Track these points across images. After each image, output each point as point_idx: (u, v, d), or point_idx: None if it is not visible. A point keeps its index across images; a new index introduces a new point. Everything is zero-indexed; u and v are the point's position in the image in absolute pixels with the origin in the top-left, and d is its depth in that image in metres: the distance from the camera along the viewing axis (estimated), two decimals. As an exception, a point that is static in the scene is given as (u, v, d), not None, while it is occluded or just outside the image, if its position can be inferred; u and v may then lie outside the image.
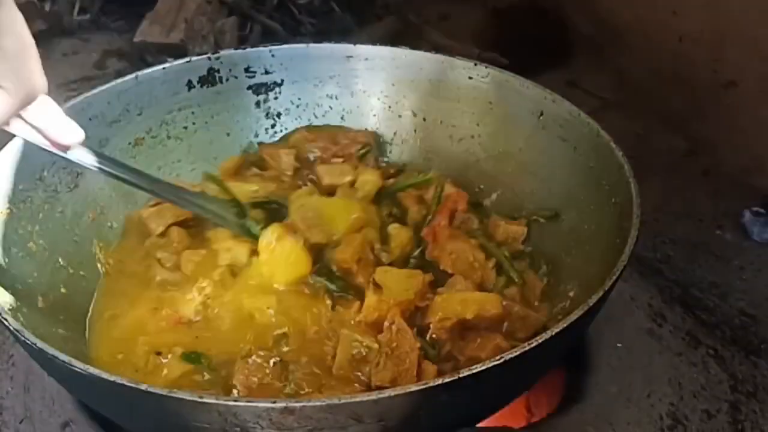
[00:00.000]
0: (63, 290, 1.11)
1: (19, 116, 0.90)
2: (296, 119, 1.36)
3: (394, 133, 1.35)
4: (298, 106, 1.35)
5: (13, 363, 1.12)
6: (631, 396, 1.05)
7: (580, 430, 0.99)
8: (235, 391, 0.98)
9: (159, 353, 1.03)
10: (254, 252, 1.13)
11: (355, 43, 1.34)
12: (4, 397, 1.09)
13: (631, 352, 1.11)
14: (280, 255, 1.11)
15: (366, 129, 1.36)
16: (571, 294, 1.09)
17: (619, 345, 1.12)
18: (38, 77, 0.87)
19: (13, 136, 1.09)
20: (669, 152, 1.68)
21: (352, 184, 1.27)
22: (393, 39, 1.92)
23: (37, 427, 1.05)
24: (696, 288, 1.33)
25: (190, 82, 1.30)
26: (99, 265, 1.18)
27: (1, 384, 1.10)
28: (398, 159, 1.36)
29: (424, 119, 1.33)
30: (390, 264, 1.14)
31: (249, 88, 1.33)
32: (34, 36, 0.85)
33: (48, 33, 2.08)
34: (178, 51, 1.88)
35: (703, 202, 1.55)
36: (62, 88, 1.89)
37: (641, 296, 1.21)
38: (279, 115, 1.35)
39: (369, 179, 1.26)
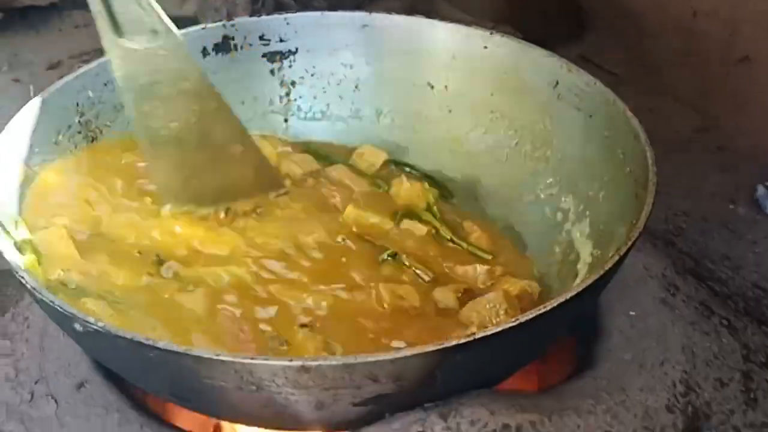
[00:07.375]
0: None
1: None
2: (311, 88, 1.35)
3: (409, 102, 1.34)
4: (312, 75, 1.35)
5: (29, 325, 1.13)
6: (644, 363, 1.05)
7: (594, 395, 0.98)
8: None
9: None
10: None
11: (370, 12, 1.34)
12: (20, 359, 1.09)
13: (645, 320, 1.11)
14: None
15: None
16: (587, 261, 1.09)
17: (632, 313, 1.12)
18: None
19: (26, 102, 1.10)
20: (681, 127, 1.67)
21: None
22: (406, 12, 1.91)
23: (51, 388, 1.05)
24: (709, 260, 1.33)
25: (205, 49, 1.30)
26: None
27: (17, 345, 1.11)
28: (412, 128, 1.35)
29: (438, 89, 1.32)
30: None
31: (264, 56, 1.33)
32: (46, 8, 0.84)
33: (60, 5, 2.08)
34: (191, 23, 1.86)
35: (716, 177, 1.55)
36: (76, 60, 1.90)
37: (655, 267, 1.21)
38: (293, 83, 1.35)
39: None
